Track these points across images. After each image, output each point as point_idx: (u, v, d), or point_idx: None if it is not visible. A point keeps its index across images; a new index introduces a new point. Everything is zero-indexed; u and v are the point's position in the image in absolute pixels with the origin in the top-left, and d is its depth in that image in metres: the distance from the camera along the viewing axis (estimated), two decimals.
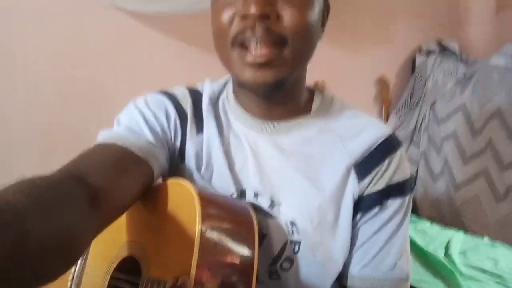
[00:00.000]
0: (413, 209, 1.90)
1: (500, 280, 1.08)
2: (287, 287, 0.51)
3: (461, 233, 1.38)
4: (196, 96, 0.58)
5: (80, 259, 0.54)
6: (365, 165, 0.52)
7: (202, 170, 0.54)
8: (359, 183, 0.52)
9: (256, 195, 0.52)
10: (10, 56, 1.15)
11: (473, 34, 2.12)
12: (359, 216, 0.53)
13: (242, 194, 0.53)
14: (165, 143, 0.54)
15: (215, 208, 0.46)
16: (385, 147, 0.53)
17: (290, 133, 0.54)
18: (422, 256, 1.21)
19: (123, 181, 0.46)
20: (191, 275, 0.40)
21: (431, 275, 1.11)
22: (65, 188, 0.38)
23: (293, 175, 0.52)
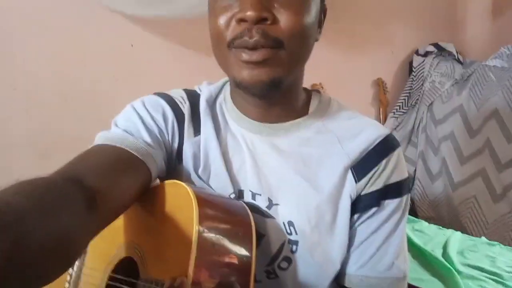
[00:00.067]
0: (411, 209, 1.91)
1: (498, 278, 1.08)
2: (284, 286, 0.52)
3: (459, 233, 1.39)
4: (193, 98, 0.58)
5: (77, 260, 0.54)
6: (362, 166, 0.52)
7: (199, 171, 0.54)
8: (356, 183, 0.52)
9: (254, 195, 0.53)
10: (10, 57, 1.16)
11: (470, 36, 2.13)
12: (356, 216, 0.53)
13: (240, 195, 0.53)
14: (162, 145, 0.54)
15: (212, 208, 0.46)
16: (382, 147, 0.53)
17: (287, 134, 0.55)
18: (420, 255, 1.21)
19: (120, 183, 0.46)
20: (188, 275, 0.40)
21: (429, 274, 1.12)
22: (63, 190, 0.38)
23: (291, 176, 0.53)
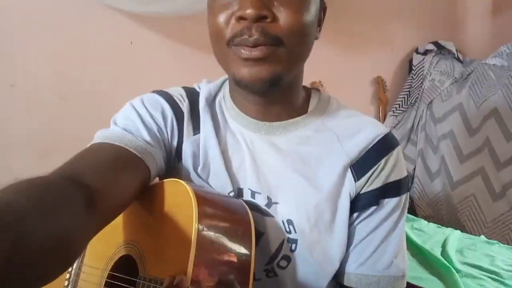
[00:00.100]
0: (410, 207, 1.91)
1: (497, 276, 1.09)
2: (284, 285, 0.52)
3: (458, 231, 1.39)
4: (192, 96, 0.58)
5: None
6: (362, 164, 0.52)
7: (199, 169, 0.54)
8: (356, 182, 0.52)
9: (253, 194, 0.53)
10: (10, 57, 1.16)
11: (470, 34, 2.13)
12: (355, 215, 0.53)
13: (239, 193, 0.53)
14: (161, 143, 0.54)
15: (211, 206, 0.46)
16: (381, 146, 0.53)
17: (287, 132, 0.55)
18: (419, 253, 1.21)
19: (119, 181, 0.46)
20: (188, 273, 0.40)
21: (428, 273, 1.12)
22: (62, 189, 0.38)
23: (290, 175, 0.53)
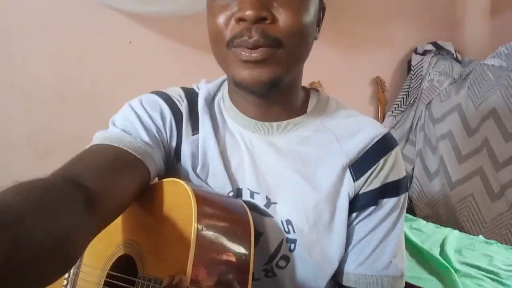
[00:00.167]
0: (409, 207, 1.91)
1: (495, 276, 1.09)
2: (282, 285, 0.52)
3: (456, 231, 1.39)
4: (191, 96, 0.58)
5: None
6: (360, 165, 0.52)
7: (198, 170, 0.54)
8: (354, 182, 0.52)
9: (252, 194, 0.53)
10: (10, 57, 1.16)
11: (469, 35, 2.14)
12: (354, 215, 0.53)
13: (238, 193, 0.53)
14: (160, 144, 0.54)
15: (211, 206, 0.47)
16: (380, 146, 0.53)
17: (286, 132, 0.55)
18: (417, 253, 1.21)
19: (119, 182, 0.46)
20: (187, 273, 0.40)
21: (427, 272, 1.12)
22: (62, 190, 0.38)
23: (289, 175, 0.53)
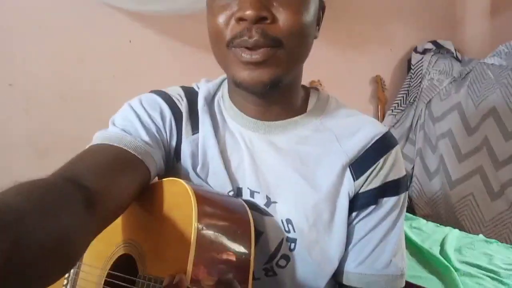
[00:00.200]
0: (409, 206, 1.91)
1: (495, 275, 1.09)
2: (282, 284, 0.52)
3: (456, 230, 1.39)
4: (191, 96, 0.58)
5: None
6: (360, 164, 0.52)
7: (198, 169, 0.54)
8: (354, 181, 0.52)
9: (252, 193, 0.53)
10: (9, 57, 1.16)
11: (469, 34, 2.13)
12: (354, 214, 0.53)
13: (238, 192, 0.53)
14: (160, 143, 0.54)
15: (211, 206, 0.47)
16: (380, 145, 0.53)
17: (286, 132, 0.55)
18: (418, 252, 1.21)
19: (119, 182, 0.45)
20: (187, 272, 0.40)
21: (427, 271, 1.12)
22: (62, 190, 0.38)
23: (289, 174, 0.53)
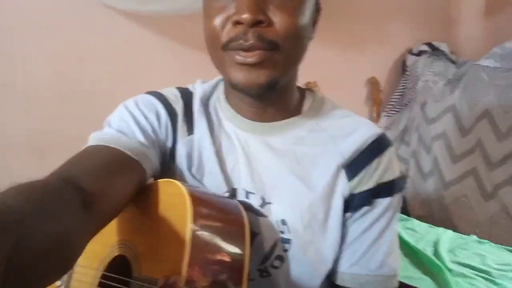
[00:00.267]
0: (403, 207, 1.92)
1: (487, 275, 1.10)
2: (277, 285, 0.52)
3: (450, 231, 1.40)
4: (187, 97, 0.58)
5: None
6: (355, 165, 0.53)
7: (193, 170, 0.54)
8: (349, 182, 0.53)
9: (247, 194, 0.53)
10: (9, 57, 1.15)
11: (463, 36, 2.15)
12: (349, 214, 0.54)
13: (233, 193, 0.53)
14: (156, 144, 0.54)
15: (206, 207, 0.47)
16: (375, 146, 0.54)
17: (281, 133, 0.55)
18: (411, 253, 1.22)
19: (115, 183, 0.46)
20: (182, 273, 0.40)
21: (420, 272, 1.13)
22: (61, 191, 0.38)
23: (285, 175, 0.53)
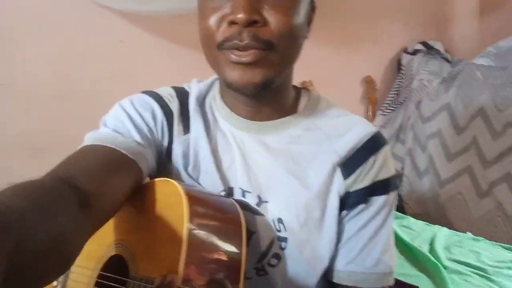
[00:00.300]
0: (399, 205, 1.93)
1: (482, 272, 1.11)
2: (274, 283, 0.52)
3: (445, 229, 1.41)
4: (182, 96, 0.58)
5: None
6: (350, 163, 0.53)
7: (189, 169, 0.54)
8: (344, 180, 0.53)
9: (243, 193, 0.53)
10: (9, 57, 1.15)
11: (458, 35, 2.16)
12: (344, 212, 0.54)
13: (229, 192, 0.53)
14: (152, 143, 0.54)
15: (202, 206, 0.47)
16: (370, 145, 0.54)
17: (277, 132, 0.55)
18: (407, 250, 1.23)
19: (112, 183, 0.46)
20: (179, 273, 0.40)
21: (416, 269, 1.13)
22: (58, 191, 0.38)
23: (281, 174, 0.53)
